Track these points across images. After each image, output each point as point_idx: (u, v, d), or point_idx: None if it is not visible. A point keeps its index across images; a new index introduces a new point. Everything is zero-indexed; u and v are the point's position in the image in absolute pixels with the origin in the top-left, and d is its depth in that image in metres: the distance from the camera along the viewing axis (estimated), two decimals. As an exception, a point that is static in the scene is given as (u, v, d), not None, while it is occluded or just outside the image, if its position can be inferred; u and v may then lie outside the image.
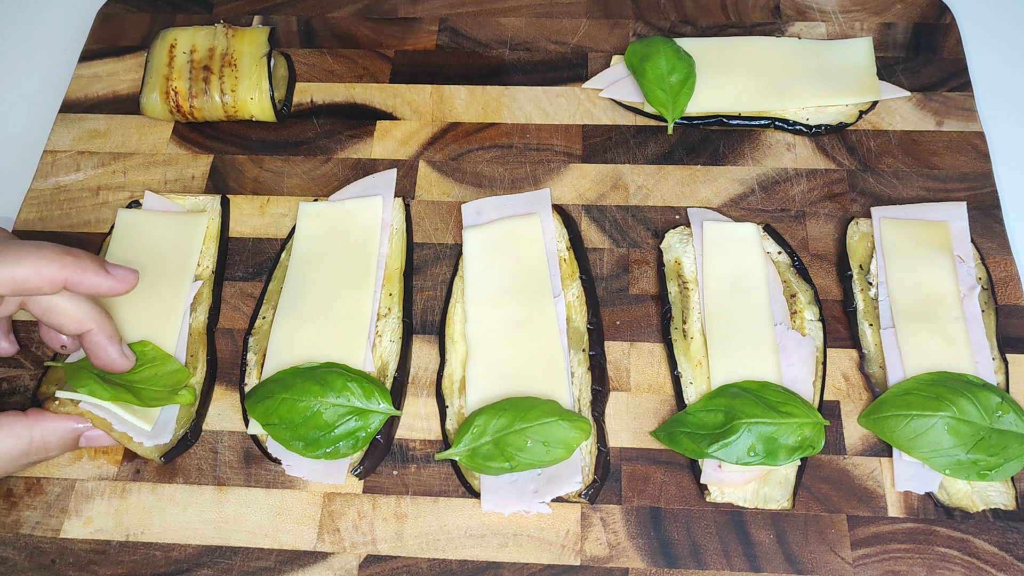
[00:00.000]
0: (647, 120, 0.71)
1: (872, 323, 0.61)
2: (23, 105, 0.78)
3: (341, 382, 0.56)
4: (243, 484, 0.58)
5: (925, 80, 0.72)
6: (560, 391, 0.58)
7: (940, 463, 0.54)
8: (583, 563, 0.54)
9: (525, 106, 0.73)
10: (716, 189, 0.68)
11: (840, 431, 0.58)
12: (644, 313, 0.63)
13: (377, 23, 0.79)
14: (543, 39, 0.77)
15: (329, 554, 0.55)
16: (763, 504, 0.55)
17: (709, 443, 0.54)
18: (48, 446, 0.55)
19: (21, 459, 0.54)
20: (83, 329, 0.54)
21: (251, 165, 0.71)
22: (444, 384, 0.60)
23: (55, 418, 0.55)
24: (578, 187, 0.68)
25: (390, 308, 0.62)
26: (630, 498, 0.56)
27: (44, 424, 0.55)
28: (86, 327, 0.54)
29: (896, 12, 0.77)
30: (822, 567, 0.53)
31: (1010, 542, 0.54)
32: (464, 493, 0.57)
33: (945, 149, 0.69)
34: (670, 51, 0.70)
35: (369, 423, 0.56)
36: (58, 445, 0.56)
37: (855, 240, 0.64)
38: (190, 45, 0.72)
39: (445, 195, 0.69)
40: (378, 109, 0.73)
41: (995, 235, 0.64)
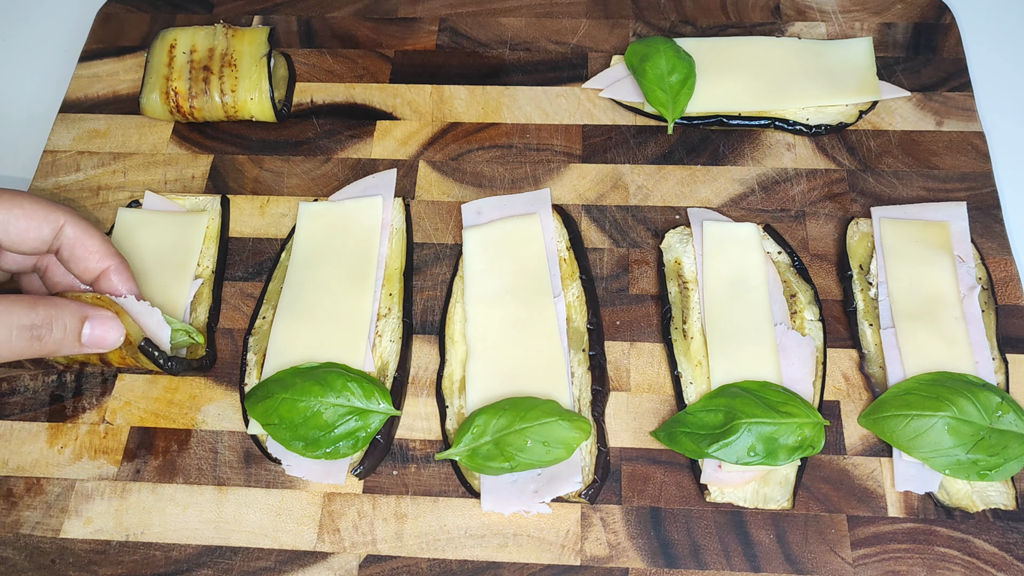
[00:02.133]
0: (647, 120, 0.71)
1: (872, 323, 0.61)
2: (23, 105, 0.78)
3: (341, 382, 0.56)
4: (243, 484, 0.58)
5: (925, 80, 0.72)
6: (560, 391, 0.58)
7: (940, 463, 0.54)
8: (583, 563, 0.54)
9: (525, 106, 0.73)
10: (716, 189, 0.68)
11: (840, 431, 0.58)
12: (644, 313, 0.63)
13: (377, 23, 0.79)
14: (543, 39, 0.77)
15: (329, 554, 0.55)
16: (763, 504, 0.55)
17: (709, 443, 0.54)
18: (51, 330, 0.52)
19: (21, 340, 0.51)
20: (104, 265, 0.56)
21: (251, 165, 0.71)
22: (444, 384, 0.60)
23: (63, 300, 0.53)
24: (578, 187, 0.68)
25: (390, 308, 0.62)
26: (630, 498, 0.56)
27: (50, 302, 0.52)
28: (107, 263, 0.56)
29: (896, 12, 0.77)
30: (822, 567, 0.53)
31: (1010, 542, 0.54)
32: (464, 493, 0.57)
33: (945, 149, 0.69)
34: (670, 51, 0.70)
35: (369, 423, 0.56)
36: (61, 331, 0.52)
37: (855, 240, 0.64)
38: (190, 45, 0.72)
39: (445, 195, 0.69)
40: (378, 109, 0.73)
41: (995, 235, 0.64)
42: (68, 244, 0.55)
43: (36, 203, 0.54)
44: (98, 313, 0.54)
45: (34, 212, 0.54)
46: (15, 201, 0.53)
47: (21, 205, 0.53)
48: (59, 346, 0.53)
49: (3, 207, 0.53)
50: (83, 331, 0.53)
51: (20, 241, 0.54)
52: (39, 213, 0.54)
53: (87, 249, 0.56)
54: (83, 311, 0.53)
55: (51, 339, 0.52)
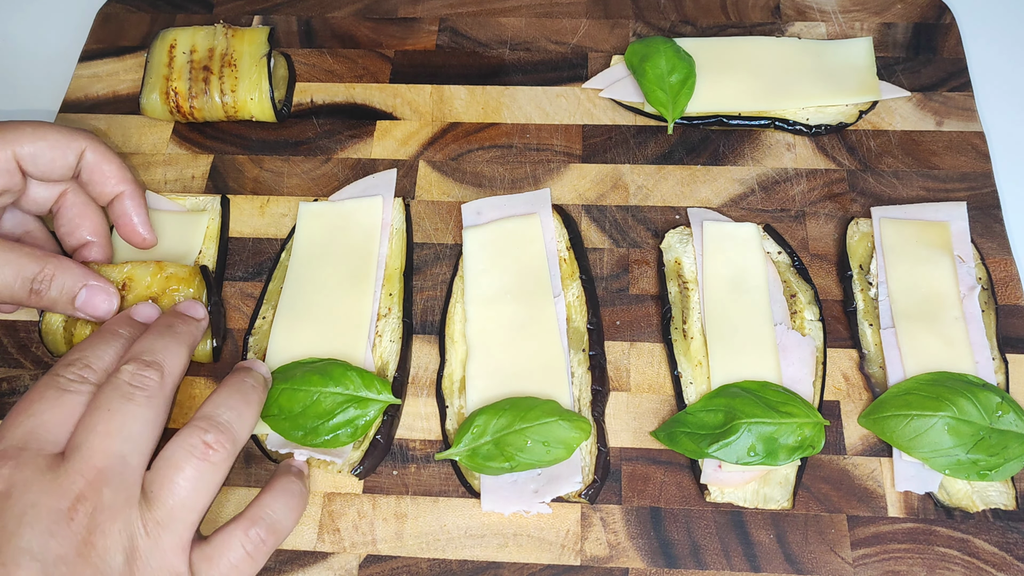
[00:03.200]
0: (647, 120, 0.72)
1: (872, 323, 0.61)
2: (23, 105, 0.78)
3: (341, 371, 0.56)
4: (243, 484, 0.58)
5: (925, 80, 0.72)
6: (560, 391, 0.58)
7: (940, 463, 0.54)
8: (583, 563, 0.54)
9: (525, 106, 0.73)
10: (716, 189, 0.68)
11: (840, 431, 0.58)
12: (644, 313, 0.63)
13: (377, 23, 0.79)
14: (543, 39, 0.77)
15: (329, 554, 0.55)
16: (763, 504, 0.55)
17: (709, 443, 0.54)
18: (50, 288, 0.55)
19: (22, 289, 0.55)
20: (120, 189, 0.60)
21: (251, 165, 0.71)
22: (444, 384, 0.60)
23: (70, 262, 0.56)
24: (578, 187, 0.68)
25: (390, 308, 0.62)
26: (630, 498, 0.56)
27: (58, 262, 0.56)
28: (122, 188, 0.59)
29: (896, 12, 0.77)
30: (822, 567, 0.53)
31: (1010, 542, 0.54)
32: (464, 493, 0.57)
33: (945, 149, 0.69)
34: (670, 51, 0.70)
35: (368, 411, 0.56)
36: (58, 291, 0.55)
37: (855, 240, 0.64)
38: (190, 45, 0.72)
39: (445, 195, 0.69)
40: (378, 109, 0.73)
41: (995, 235, 0.64)
42: (88, 168, 0.59)
43: (59, 132, 0.58)
44: (98, 282, 0.57)
45: (58, 141, 0.58)
46: (39, 133, 0.57)
47: (46, 136, 0.57)
48: (53, 304, 0.56)
49: (30, 140, 0.57)
50: (79, 295, 0.56)
51: (49, 170, 0.58)
52: (62, 141, 0.58)
53: (104, 173, 0.60)
54: (85, 278, 0.56)
55: (47, 296, 0.55)
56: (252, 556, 0.49)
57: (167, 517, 0.46)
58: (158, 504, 0.46)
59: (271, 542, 0.50)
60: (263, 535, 0.50)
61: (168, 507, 0.46)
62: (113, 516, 0.45)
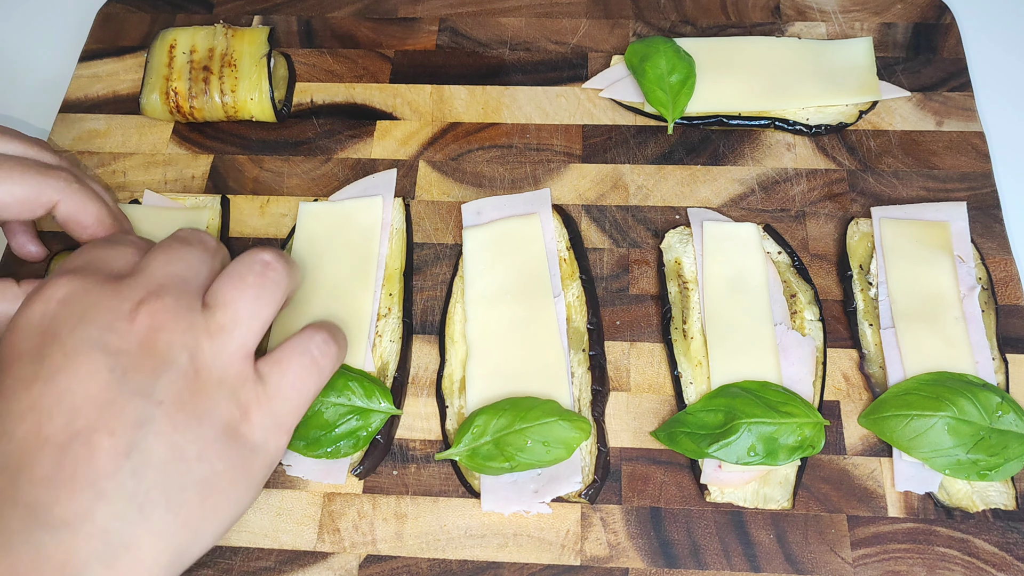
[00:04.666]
0: (647, 120, 0.72)
1: (872, 323, 0.61)
2: (23, 105, 0.78)
3: (342, 381, 0.56)
4: (243, 484, 0.58)
5: (925, 80, 0.72)
6: (560, 391, 0.58)
7: (940, 463, 0.54)
8: (583, 563, 0.54)
9: (525, 106, 0.73)
10: (716, 189, 0.68)
11: (840, 431, 0.58)
12: (644, 313, 0.63)
13: (377, 23, 0.79)
14: (543, 39, 0.77)
15: (329, 554, 0.55)
16: (763, 504, 0.55)
17: (709, 443, 0.54)
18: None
19: None
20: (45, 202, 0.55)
21: (251, 165, 0.71)
22: (444, 384, 0.60)
23: None
24: (578, 187, 0.68)
25: (390, 308, 0.62)
26: (630, 498, 0.56)
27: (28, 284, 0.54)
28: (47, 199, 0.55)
29: (896, 12, 0.77)
30: (822, 567, 0.53)
31: (1010, 542, 0.54)
32: (464, 493, 0.57)
33: (945, 149, 0.69)
34: (670, 51, 0.70)
35: (370, 422, 0.56)
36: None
37: (855, 240, 0.64)
38: (190, 45, 0.72)
39: (445, 195, 0.69)
40: (378, 109, 0.73)
41: (995, 235, 0.64)
42: (62, 219, 0.57)
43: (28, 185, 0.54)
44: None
45: (27, 195, 0.54)
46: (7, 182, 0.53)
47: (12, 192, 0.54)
48: None
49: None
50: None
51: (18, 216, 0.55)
52: (31, 194, 0.54)
53: (80, 226, 0.57)
54: None
55: None
56: (318, 363, 0.49)
57: (231, 322, 0.46)
58: (220, 310, 0.46)
59: (333, 352, 0.50)
60: (327, 340, 0.50)
61: (231, 313, 0.46)
62: (176, 318, 0.45)
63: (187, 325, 0.45)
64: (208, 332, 0.45)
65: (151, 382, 0.43)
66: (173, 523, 0.42)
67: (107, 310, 0.44)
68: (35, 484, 0.39)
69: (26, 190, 0.54)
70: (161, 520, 0.41)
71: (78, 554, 0.39)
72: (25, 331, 0.44)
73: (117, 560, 0.40)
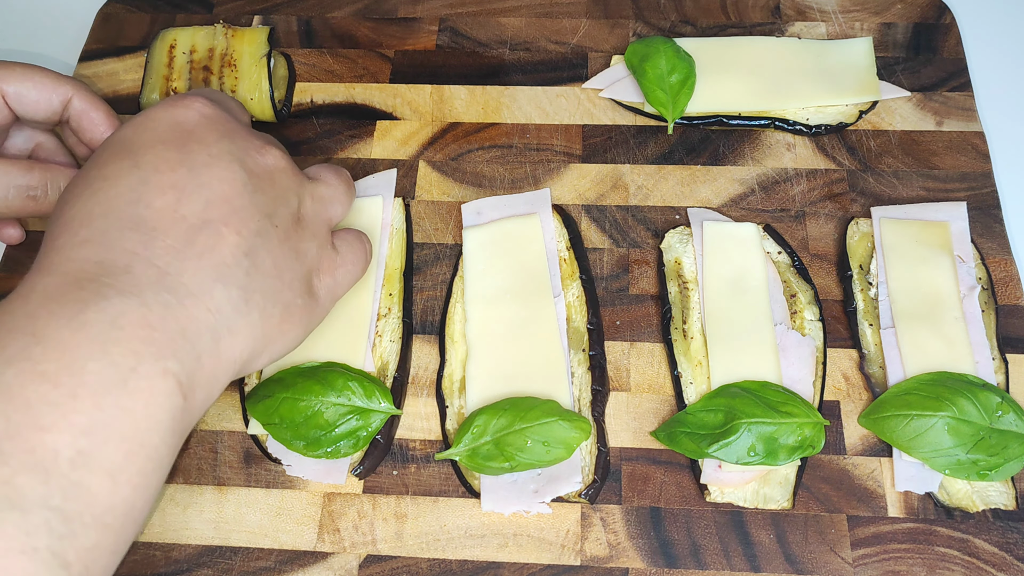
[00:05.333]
0: (647, 120, 0.71)
1: (872, 323, 0.61)
2: (23, 105, 0.78)
3: (342, 381, 0.56)
4: (243, 484, 0.58)
5: (925, 80, 0.72)
6: (560, 391, 0.58)
7: (940, 463, 0.54)
8: (583, 563, 0.54)
9: (525, 106, 0.73)
10: (716, 189, 0.68)
11: (840, 431, 0.58)
12: (644, 313, 0.63)
13: (377, 23, 0.79)
14: (543, 39, 0.77)
15: (329, 554, 0.55)
16: (763, 504, 0.55)
17: (709, 443, 0.54)
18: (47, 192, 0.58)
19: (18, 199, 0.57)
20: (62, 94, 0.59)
21: (251, 165, 0.71)
22: (444, 384, 0.60)
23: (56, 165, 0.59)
24: (578, 187, 0.68)
25: (390, 308, 0.62)
26: (630, 498, 0.56)
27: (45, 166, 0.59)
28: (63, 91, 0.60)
29: (896, 12, 0.77)
30: (822, 567, 0.53)
31: (1010, 542, 0.54)
32: (464, 493, 0.57)
33: (945, 149, 0.69)
34: (670, 51, 0.70)
35: (370, 422, 0.56)
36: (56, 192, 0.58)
37: (855, 240, 0.64)
38: (190, 45, 0.72)
39: (445, 195, 0.69)
40: (378, 109, 0.73)
41: (995, 235, 0.64)
42: (76, 115, 0.60)
43: (46, 76, 0.59)
44: None
45: (44, 84, 0.59)
46: (27, 74, 0.58)
47: (32, 77, 0.58)
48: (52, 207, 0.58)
49: (17, 79, 0.58)
50: None
51: (34, 111, 0.59)
52: (49, 85, 0.59)
53: (92, 121, 0.60)
54: None
55: (47, 200, 0.58)
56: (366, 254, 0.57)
57: (329, 196, 0.54)
58: (321, 185, 0.54)
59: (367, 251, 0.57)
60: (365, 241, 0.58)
61: (330, 190, 0.55)
62: (292, 171, 0.52)
63: (300, 181, 0.52)
64: (312, 195, 0.53)
65: (272, 207, 0.49)
66: (260, 327, 0.47)
67: (243, 138, 0.50)
68: (167, 251, 0.44)
69: (44, 84, 0.58)
70: (256, 320, 0.46)
71: (196, 322, 0.43)
72: (168, 123, 0.48)
73: (222, 339, 0.44)
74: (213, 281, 0.44)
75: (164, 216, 0.44)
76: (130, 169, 0.46)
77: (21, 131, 0.63)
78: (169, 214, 0.44)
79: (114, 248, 0.43)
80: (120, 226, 0.43)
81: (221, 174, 0.47)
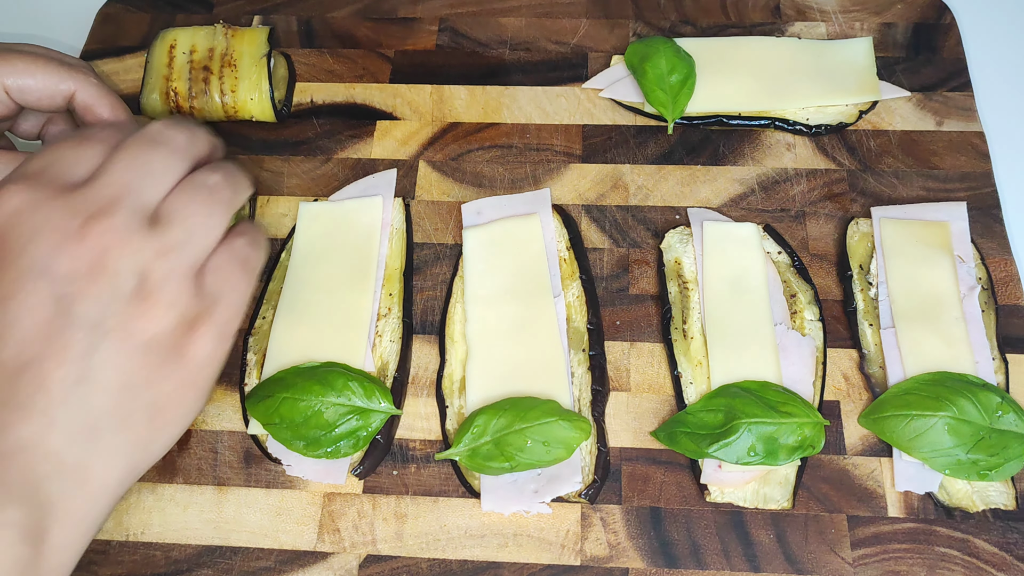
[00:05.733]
0: (647, 120, 0.71)
1: (872, 323, 0.61)
2: (23, 105, 0.78)
3: (342, 381, 0.56)
4: (243, 484, 0.58)
5: (925, 80, 0.72)
6: (560, 391, 0.58)
7: (940, 463, 0.54)
8: (583, 563, 0.54)
9: (525, 106, 0.73)
10: (716, 189, 0.68)
11: (840, 431, 0.58)
12: (644, 313, 0.63)
13: (377, 23, 0.79)
14: (543, 39, 0.77)
15: (329, 554, 0.55)
16: (763, 504, 0.55)
17: (709, 443, 0.54)
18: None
19: None
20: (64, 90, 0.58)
21: (251, 165, 0.71)
22: (444, 384, 0.60)
23: None
24: (578, 187, 0.68)
25: (390, 308, 0.62)
26: (630, 498, 0.56)
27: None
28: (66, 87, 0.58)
29: (896, 12, 0.77)
30: (822, 567, 0.53)
31: (1010, 542, 0.54)
32: (464, 493, 0.57)
33: (945, 149, 0.69)
34: (670, 51, 0.70)
35: (370, 422, 0.56)
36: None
37: (855, 240, 0.64)
38: (190, 45, 0.72)
39: (445, 195, 0.69)
40: (378, 109, 0.73)
41: (995, 235, 0.64)
42: (80, 109, 0.59)
43: (50, 68, 0.57)
44: None
45: (47, 78, 0.57)
46: (30, 67, 0.57)
47: (34, 72, 0.57)
48: None
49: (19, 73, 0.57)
50: None
51: (36, 104, 0.58)
52: (52, 79, 0.57)
53: (97, 116, 0.59)
54: None
55: None
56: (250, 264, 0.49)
57: (182, 241, 0.46)
58: (172, 228, 0.46)
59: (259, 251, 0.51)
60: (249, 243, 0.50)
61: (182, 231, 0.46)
62: (126, 239, 0.44)
63: (137, 246, 0.45)
64: (158, 251, 0.45)
65: (99, 309, 0.43)
66: (124, 443, 0.44)
67: (56, 229, 0.44)
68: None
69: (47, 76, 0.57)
70: (111, 442, 0.43)
71: (33, 474, 0.40)
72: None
73: (70, 479, 0.42)
74: (45, 428, 0.41)
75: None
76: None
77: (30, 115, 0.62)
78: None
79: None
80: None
81: (29, 302, 0.42)
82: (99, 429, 0.43)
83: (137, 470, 0.45)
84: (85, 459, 0.42)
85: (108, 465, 0.43)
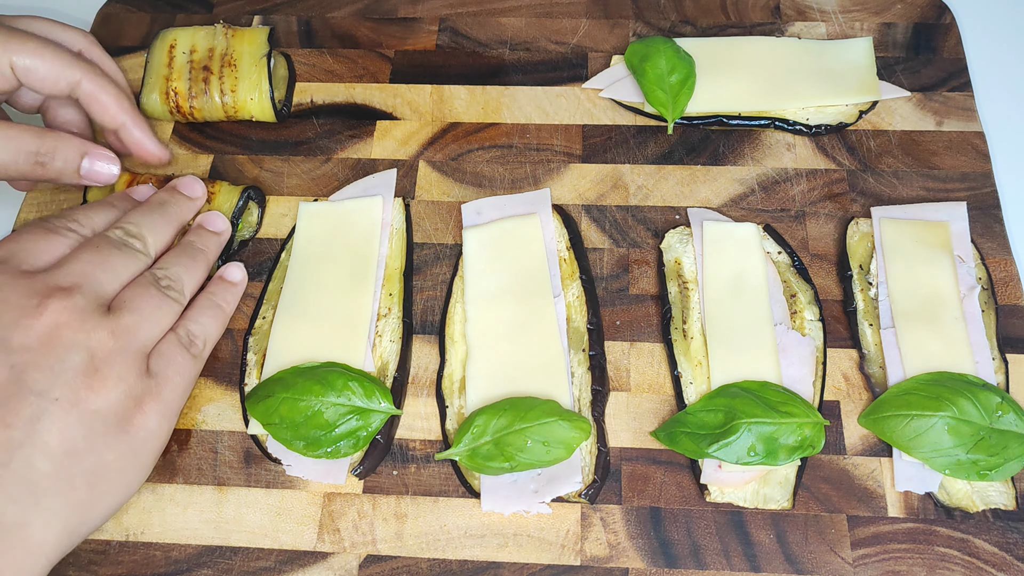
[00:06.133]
0: (647, 120, 0.72)
1: (872, 323, 0.61)
2: (23, 105, 0.78)
3: (342, 381, 0.56)
4: (243, 484, 0.58)
5: (925, 80, 0.72)
6: (560, 391, 0.58)
7: (940, 463, 0.54)
8: (583, 563, 0.54)
9: (525, 106, 0.73)
10: (716, 189, 0.68)
11: (840, 431, 0.58)
12: (644, 313, 0.63)
13: (377, 23, 0.79)
14: (543, 39, 0.77)
15: (329, 554, 0.55)
16: (763, 504, 0.55)
17: (709, 443, 0.54)
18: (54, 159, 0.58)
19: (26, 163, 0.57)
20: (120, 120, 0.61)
21: (251, 165, 0.71)
22: (444, 384, 0.60)
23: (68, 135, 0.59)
24: (578, 187, 0.68)
25: (390, 308, 0.62)
26: (630, 498, 0.56)
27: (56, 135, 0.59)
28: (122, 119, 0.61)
29: (896, 12, 0.77)
30: (822, 567, 0.53)
31: (1010, 542, 0.54)
32: (464, 493, 0.57)
33: (945, 149, 0.69)
34: (670, 51, 0.70)
35: (370, 422, 0.56)
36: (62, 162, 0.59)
37: (855, 240, 0.64)
38: (190, 45, 0.72)
39: (445, 195, 0.69)
40: (378, 109, 0.73)
41: (995, 235, 0.64)
42: (84, 98, 0.61)
43: (58, 55, 0.59)
44: (98, 150, 0.61)
45: (54, 64, 0.59)
46: (40, 50, 0.59)
47: (44, 55, 0.58)
48: (60, 174, 0.59)
49: (29, 53, 0.58)
50: (82, 164, 0.60)
51: (40, 87, 0.60)
52: (58, 67, 0.59)
53: (101, 105, 0.61)
54: (84, 147, 0.60)
55: (53, 167, 0.58)
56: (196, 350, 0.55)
57: (133, 326, 0.51)
58: (124, 315, 0.51)
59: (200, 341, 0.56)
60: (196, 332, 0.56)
61: (133, 318, 0.51)
62: (81, 318, 0.48)
63: (92, 326, 0.49)
64: (111, 332, 0.49)
65: (49, 379, 0.46)
66: (63, 507, 0.46)
67: (15, 307, 0.47)
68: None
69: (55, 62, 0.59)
70: (51, 505, 0.45)
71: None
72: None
73: (9, 538, 0.44)
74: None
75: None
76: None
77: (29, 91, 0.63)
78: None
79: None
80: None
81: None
82: (39, 491, 0.45)
83: (76, 534, 0.47)
84: (24, 518, 0.44)
85: (47, 526, 0.45)
